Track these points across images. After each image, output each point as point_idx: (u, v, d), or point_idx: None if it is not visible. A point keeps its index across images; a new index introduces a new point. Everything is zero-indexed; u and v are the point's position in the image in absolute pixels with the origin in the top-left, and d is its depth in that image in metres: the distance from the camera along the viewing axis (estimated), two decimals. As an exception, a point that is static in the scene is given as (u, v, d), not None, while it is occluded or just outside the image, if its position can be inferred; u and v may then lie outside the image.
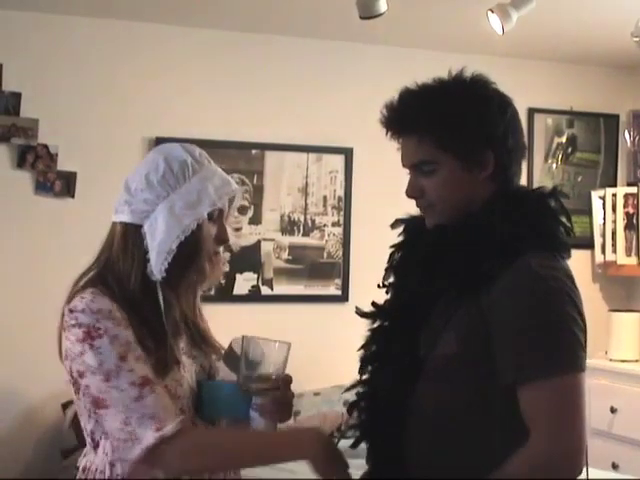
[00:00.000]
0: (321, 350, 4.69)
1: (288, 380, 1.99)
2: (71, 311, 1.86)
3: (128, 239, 1.93)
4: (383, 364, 1.93)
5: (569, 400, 1.70)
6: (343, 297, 4.93)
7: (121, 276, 1.91)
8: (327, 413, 4.37)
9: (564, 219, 1.86)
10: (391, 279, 2.01)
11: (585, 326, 1.77)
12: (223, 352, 2.07)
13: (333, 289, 4.96)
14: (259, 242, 4.84)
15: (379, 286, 2.02)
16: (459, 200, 1.85)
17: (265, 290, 4.84)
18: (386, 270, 2.02)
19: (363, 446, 1.96)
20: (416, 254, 1.93)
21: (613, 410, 4.56)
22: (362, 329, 2.03)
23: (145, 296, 1.91)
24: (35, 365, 4.41)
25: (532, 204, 1.85)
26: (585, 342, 1.75)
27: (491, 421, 1.77)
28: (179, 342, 1.99)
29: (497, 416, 1.77)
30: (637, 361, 4.88)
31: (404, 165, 1.91)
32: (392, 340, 1.92)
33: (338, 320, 4.74)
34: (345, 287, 4.95)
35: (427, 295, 1.86)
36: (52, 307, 4.55)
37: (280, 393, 1.96)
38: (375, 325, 1.99)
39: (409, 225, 2.01)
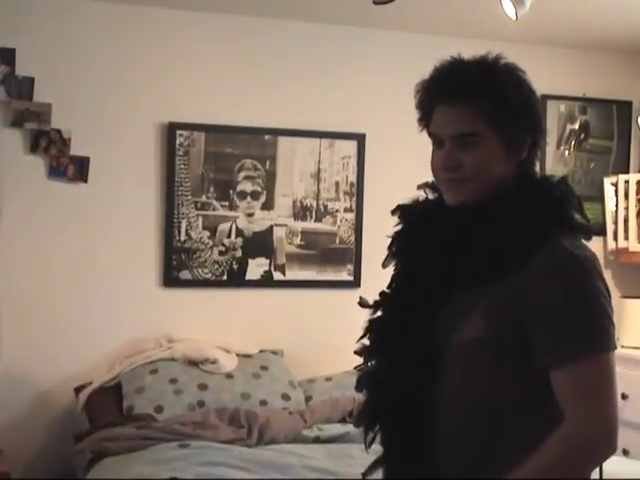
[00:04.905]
0: (333, 335, 4.69)
1: None
2: None
3: None
4: (397, 352, 1.89)
5: (605, 378, 1.72)
6: (355, 283, 4.94)
7: None
8: (339, 398, 4.37)
9: (577, 205, 1.88)
10: (392, 266, 1.99)
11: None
12: None
13: (345, 275, 4.96)
14: (271, 227, 4.84)
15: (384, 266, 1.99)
16: (492, 178, 1.84)
17: (277, 275, 4.84)
18: (387, 258, 2.00)
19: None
20: (425, 238, 1.91)
21: (624, 397, 4.55)
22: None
23: None
24: (48, 349, 4.44)
25: (552, 190, 1.87)
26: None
27: (521, 405, 1.78)
28: None
29: (527, 400, 1.78)
30: (649, 348, 4.88)
31: (442, 134, 1.86)
32: (404, 327, 1.89)
33: (350, 306, 4.72)
34: (357, 273, 4.95)
35: (443, 279, 1.84)
36: (65, 291, 4.58)
37: None
38: (378, 314, 1.97)
39: (407, 211, 1.99)
